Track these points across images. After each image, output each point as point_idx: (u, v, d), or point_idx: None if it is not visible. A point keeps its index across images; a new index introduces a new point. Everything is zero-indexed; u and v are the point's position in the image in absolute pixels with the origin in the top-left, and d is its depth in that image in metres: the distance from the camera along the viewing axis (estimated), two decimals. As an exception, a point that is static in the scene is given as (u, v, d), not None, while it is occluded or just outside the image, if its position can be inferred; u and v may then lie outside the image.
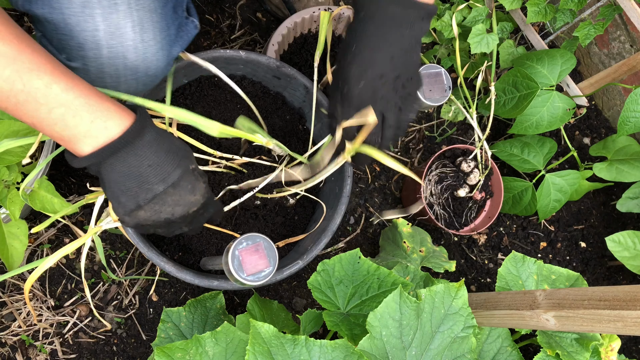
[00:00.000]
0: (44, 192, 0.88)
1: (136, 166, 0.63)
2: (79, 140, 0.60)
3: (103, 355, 1.16)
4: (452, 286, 0.84)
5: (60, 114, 0.58)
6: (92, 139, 0.60)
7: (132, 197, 0.65)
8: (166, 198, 0.66)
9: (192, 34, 0.85)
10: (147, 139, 0.63)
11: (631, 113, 1.14)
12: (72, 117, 0.58)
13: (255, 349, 0.72)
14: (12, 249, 0.90)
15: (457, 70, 1.25)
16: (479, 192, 1.28)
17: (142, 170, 0.63)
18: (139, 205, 0.65)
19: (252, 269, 0.72)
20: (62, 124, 0.59)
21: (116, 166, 0.63)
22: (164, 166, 0.65)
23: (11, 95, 0.55)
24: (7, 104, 0.57)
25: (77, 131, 0.59)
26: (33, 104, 0.57)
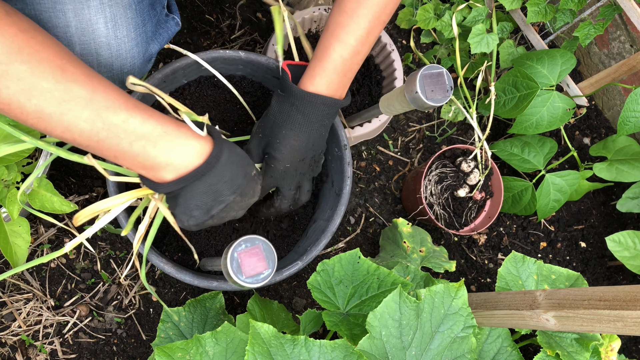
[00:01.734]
0: (43, 191, 0.88)
1: (215, 184, 0.66)
2: (162, 169, 0.63)
3: (103, 355, 1.16)
4: (451, 286, 0.84)
5: (141, 146, 0.60)
6: (173, 167, 0.63)
7: (205, 211, 0.69)
8: (234, 205, 0.71)
9: (172, 31, 0.85)
10: (223, 159, 0.67)
11: (631, 113, 1.14)
12: (153, 147, 0.61)
13: (255, 349, 0.72)
14: (16, 247, 0.91)
15: (457, 70, 1.25)
16: (479, 192, 1.28)
17: (219, 187, 0.67)
18: (211, 216, 0.69)
19: (251, 271, 0.71)
20: (143, 155, 0.61)
21: (198, 187, 0.66)
22: (235, 179, 0.69)
23: (92, 134, 0.57)
24: (90, 142, 0.58)
25: (158, 160, 0.62)
26: (114, 139, 0.58)
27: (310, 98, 0.76)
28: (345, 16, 0.74)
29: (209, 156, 0.65)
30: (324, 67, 0.76)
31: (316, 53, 0.78)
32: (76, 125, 0.56)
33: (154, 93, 0.75)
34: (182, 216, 0.70)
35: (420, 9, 1.33)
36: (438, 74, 0.89)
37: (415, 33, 1.44)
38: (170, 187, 0.64)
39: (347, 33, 0.75)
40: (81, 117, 0.56)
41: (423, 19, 1.33)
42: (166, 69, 0.92)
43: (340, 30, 0.75)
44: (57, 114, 0.55)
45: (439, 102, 0.89)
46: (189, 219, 0.70)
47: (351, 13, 0.74)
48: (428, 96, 0.88)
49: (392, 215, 1.36)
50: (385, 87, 1.27)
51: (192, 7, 1.35)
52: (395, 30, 1.46)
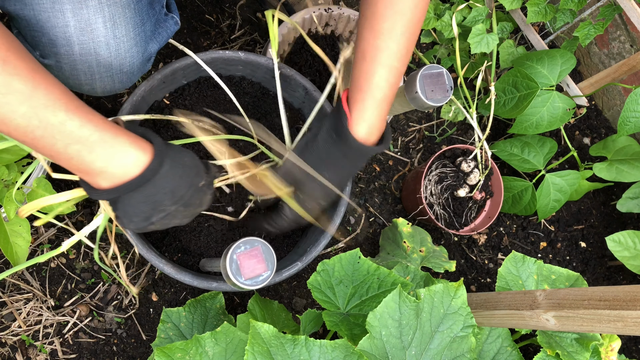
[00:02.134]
0: (42, 191, 0.88)
1: (153, 195, 0.64)
2: (97, 175, 0.61)
3: (103, 355, 1.16)
4: (451, 286, 0.84)
5: (76, 150, 0.58)
6: (109, 175, 0.61)
7: (144, 218, 0.67)
8: (176, 214, 0.69)
9: (171, 31, 0.85)
10: (163, 171, 0.64)
11: (631, 113, 1.14)
12: (89, 153, 0.59)
13: (255, 349, 0.72)
14: (16, 247, 0.91)
15: (457, 70, 1.25)
16: (479, 192, 1.28)
17: (158, 197, 0.65)
18: (151, 223, 0.68)
19: (250, 273, 0.71)
20: (78, 159, 0.59)
21: (134, 197, 0.64)
22: (178, 190, 0.66)
23: (28, 131, 0.56)
24: (25, 139, 0.57)
25: (94, 167, 0.60)
26: (49, 139, 0.56)
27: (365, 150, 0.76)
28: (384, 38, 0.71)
29: (145, 168, 0.62)
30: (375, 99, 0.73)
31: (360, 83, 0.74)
32: (12, 119, 0.54)
33: None
34: (123, 219, 0.68)
35: (420, 9, 1.33)
36: (438, 74, 0.89)
37: (415, 33, 1.44)
38: (105, 195, 0.62)
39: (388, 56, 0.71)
40: (18, 112, 0.54)
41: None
42: (166, 69, 0.92)
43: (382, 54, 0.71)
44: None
45: (439, 102, 0.89)
46: (129, 223, 0.68)
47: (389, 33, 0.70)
48: (428, 96, 0.88)
49: (392, 215, 1.36)
50: (385, 87, 1.27)
51: (192, 7, 1.35)
52: (395, 30, 1.45)
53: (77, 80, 0.74)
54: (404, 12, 0.69)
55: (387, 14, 0.69)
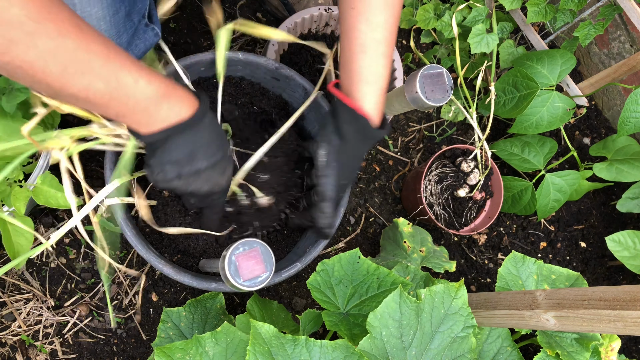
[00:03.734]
0: (47, 187, 0.89)
1: (192, 142, 0.70)
2: (156, 124, 0.66)
3: (103, 355, 1.16)
4: (451, 286, 0.84)
5: (145, 105, 0.63)
6: (166, 123, 0.67)
7: (176, 168, 0.71)
8: (202, 174, 0.73)
9: (150, 42, 0.85)
10: (206, 121, 0.71)
11: (631, 113, 1.14)
12: (154, 106, 0.64)
13: (256, 349, 0.72)
14: (18, 246, 0.91)
15: (457, 70, 1.25)
16: (479, 192, 1.28)
17: (195, 147, 0.70)
18: (179, 175, 0.72)
19: (249, 275, 0.71)
20: (145, 113, 0.64)
21: (177, 140, 0.69)
22: (211, 147, 0.72)
23: (106, 93, 0.59)
24: (101, 101, 0.60)
25: (157, 117, 0.66)
26: (124, 98, 0.61)
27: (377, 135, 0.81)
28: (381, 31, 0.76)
29: (194, 113, 0.68)
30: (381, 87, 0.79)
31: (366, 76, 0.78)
32: (94, 84, 0.58)
33: None
34: (154, 167, 0.72)
35: (420, 9, 1.33)
36: (438, 74, 0.89)
37: (415, 33, 1.44)
38: (157, 136, 0.67)
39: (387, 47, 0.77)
40: (99, 76, 0.58)
41: (423, 19, 1.33)
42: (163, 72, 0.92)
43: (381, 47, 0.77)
44: (79, 73, 0.56)
45: (439, 102, 0.89)
46: (159, 173, 0.72)
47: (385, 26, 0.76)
48: (428, 96, 0.88)
49: (392, 215, 1.36)
50: (385, 87, 1.27)
51: (192, 7, 1.35)
52: (395, 30, 1.45)
53: None
54: (394, 4, 0.75)
55: (382, 7, 0.75)
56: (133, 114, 0.64)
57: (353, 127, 0.80)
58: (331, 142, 0.81)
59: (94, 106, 0.62)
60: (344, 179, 0.84)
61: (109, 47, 0.59)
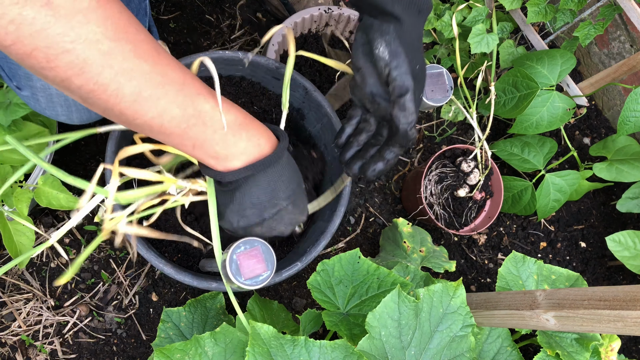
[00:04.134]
0: (49, 188, 0.89)
1: (275, 181, 0.66)
2: (235, 157, 0.62)
3: (103, 355, 1.16)
4: (450, 285, 0.84)
5: (223, 134, 0.60)
6: (246, 156, 0.63)
7: (259, 211, 0.67)
8: (285, 215, 0.69)
9: None
10: (285, 158, 0.67)
11: (631, 113, 1.14)
12: (233, 136, 0.61)
13: (255, 349, 0.72)
14: (20, 246, 0.91)
15: (457, 70, 1.25)
16: (479, 192, 1.28)
17: (278, 185, 0.66)
18: (263, 219, 0.68)
19: (250, 273, 0.71)
20: (223, 144, 0.60)
21: (260, 179, 0.65)
22: (291, 182, 0.68)
23: (182, 121, 0.56)
24: (176, 130, 0.57)
25: (235, 149, 0.62)
26: (201, 127, 0.58)
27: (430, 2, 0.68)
28: None
29: (276, 148, 0.64)
30: None
31: None
32: (169, 110, 0.54)
33: None
34: (233, 216, 0.68)
35: (420, 9, 1.33)
36: (438, 74, 0.89)
37: (415, 33, 1.44)
38: (239, 174, 0.63)
39: None
40: (175, 102, 0.54)
41: (423, 19, 1.32)
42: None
43: None
44: (153, 98, 0.53)
45: (439, 102, 0.89)
46: (240, 219, 0.68)
47: None
48: (428, 96, 0.88)
49: (392, 215, 1.36)
50: (385, 87, 1.27)
51: (192, 7, 1.35)
52: (395, 30, 1.45)
53: (53, 112, 0.73)
54: None
55: None
56: (211, 145, 0.60)
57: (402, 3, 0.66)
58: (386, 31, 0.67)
59: (169, 136, 0.58)
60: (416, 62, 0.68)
61: (185, 72, 0.56)
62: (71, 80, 0.48)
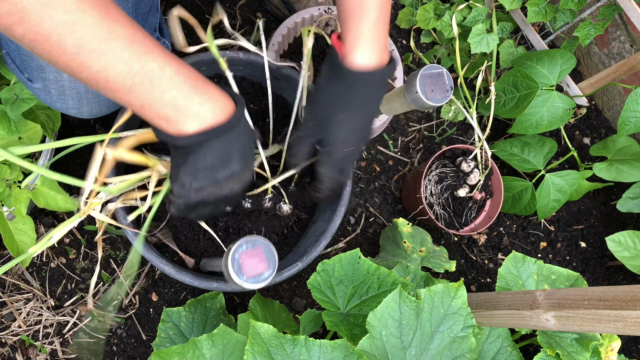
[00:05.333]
0: (47, 189, 0.88)
1: (230, 147, 0.66)
2: (187, 121, 0.61)
3: (103, 356, 1.16)
4: (451, 286, 0.84)
5: (173, 96, 0.59)
6: (199, 120, 0.62)
7: (211, 174, 0.67)
8: (235, 178, 0.69)
9: None
10: (242, 124, 0.66)
11: (631, 113, 1.14)
12: (184, 99, 0.60)
13: (254, 348, 0.72)
14: (22, 244, 0.91)
15: (457, 70, 1.25)
16: (479, 192, 1.28)
17: (232, 151, 0.66)
18: (215, 181, 0.67)
19: (252, 272, 0.71)
20: (172, 105, 0.60)
21: (215, 145, 0.64)
22: (245, 147, 0.68)
23: (128, 78, 0.56)
24: (122, 86, 0.57)
25: (186, 112, 0.61)
26: (148, 85, 0.57)
27: (367, 77, 0.71)
28: None
29: (231, 116, 0.64)
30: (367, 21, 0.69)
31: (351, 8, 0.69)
32: (114, 66, 0.55)
33: None
34: (185, 178, 0.67)
35: (420, 9, 1.33)
36: (438, 74, 0.88)
37: (415, 33, 1.44)
38: (192, 139, 0.62)
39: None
40: (121, 58, 0.54)
41: (423, 19, 1.33)
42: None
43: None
44: (97, 52, 0.53)
45: (439, 102, 0.89)
46: (192, 181, 0.67)
47: None
48: (428, 96, 0.88)
49: (392, 215, 1.36)
50: (385, 87, 1.27)
51: (192, 7, 1.35)
52: (395, 30, 1.46)
53: (64, 104, 0.73)
54: None
55: None
56: (160, 106, 0.59)
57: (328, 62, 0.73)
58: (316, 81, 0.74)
59: (115, 92, 0.58)
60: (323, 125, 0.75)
61: (136, 30, 0.56)
62: (13, 29, 0.50)
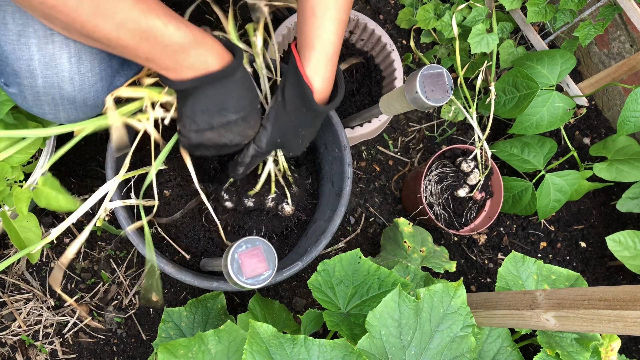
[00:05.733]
0: (48, 189, 0.88)
1: (224, 95, 0.73)
2: (184, 70, 0.69)
3: (103, 355, 1.16)
4: (450, 285, 0.84)
5: (173, 50, 0.66)
6: (194, 70, 0.70)
7: (208, 118, 0.75)
8: (233, 127, 0.77)
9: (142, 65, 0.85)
10: (238, 75, 0.73)
11: (631, 113, 1.14)
12: (182, 52, 0.67)
13: (253, 348, 0.72)
14: (29, 242, 0.91)
15: (457, 70, 1.25)
16: (479, 192, 1.28)
17: (227, 99, 0.74)
18: (211, 126, 0.76)
19: (252, 272, 0.72)
20: (173, 58, 0.67)
21: (208, 91, 0.72)
22: (242, 100, 0.76)
23: (136, 35, 0.63)
24: (130, 42, 0.64)
25: (184, 63, 0.68)
26: (152, 40, 0.64)
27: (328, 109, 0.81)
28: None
29: (225, 66, 0.71)
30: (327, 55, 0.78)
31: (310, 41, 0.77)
32: (125, 24, 0.61)
33: None
34: (185, 119, 0.76)
35: (420, 9, 1.33)
36: (438, 74, 0.89)
37: (415, 33, 1.44)
38: (186, 84, 0.70)
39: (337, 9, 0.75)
40: (130, 17, 0.61)
41: (423, 19, 1.33)
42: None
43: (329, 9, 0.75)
44: (110, 12, 0.60)
45: (439, 102, 0.89)
46: (191, 123, 0.76)
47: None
48: (428, 96, 0.88)
49: (392, 215, 1.36)
50: (385, 87, 1.28)
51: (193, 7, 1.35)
52: (395, 30, 1.46)
53: (40, 110, 0.74)
54: None
55: None
56: (161, 59, 0.67)
57: (295, 91, 0.79)
58: (277, 98, 0.82)
59: (125, 49, 0.65)
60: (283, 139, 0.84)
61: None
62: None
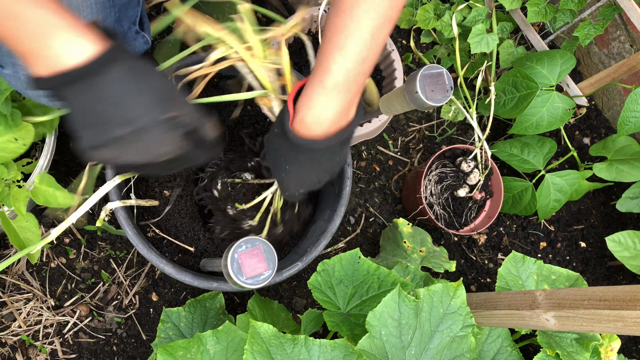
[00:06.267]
0: (45, 187, 0.88)
1: (94, 102, 0.56)
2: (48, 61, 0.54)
3: (103, 355, 1.16)
4: (450, 285, 0.84)
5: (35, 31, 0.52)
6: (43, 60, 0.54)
7: (93, 134, 0.58)
8: (127, 145, 0.58)
9: (139, 50, 0.82)
10: (113, 75, 0.55)
11: (631, 113, 1.14)
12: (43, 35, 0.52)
13: (254, 348, 0.72)
14: (28, 242, 0.91)
15: (457, 70, 1.25)
16: (479, 192, 1.28)
17: (101, 108, 0.56)
18: (101, 143, 0.58)
19: (251, 272, 0.71)
20: (35, 42, 0.53)
21: (81, 97, 0.56)
22: (127, 109, 0.57)
23: None
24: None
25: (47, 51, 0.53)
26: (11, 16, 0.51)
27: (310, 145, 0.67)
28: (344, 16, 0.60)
29: (87, 62, 0.53)
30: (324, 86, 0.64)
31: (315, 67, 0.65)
32: None
33: None
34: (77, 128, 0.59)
35: (420, 9, 1.33)
36: (438, 74, 0.88)
37: (415, 33, 1.44)
38: (42, 83, 0.54)
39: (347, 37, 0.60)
40: None
41: (423, 19, 1.33)
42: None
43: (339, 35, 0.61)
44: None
45: (439, 102, 0.88)
46: (80, 139, 0.59)
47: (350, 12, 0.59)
48: (428, 96, 0.88)
49: (392, 215, 1.36)
50: (385, 87, 1.28)
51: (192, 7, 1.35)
52: (395, 30, 1.46)
53: (35, 92, 0.72)
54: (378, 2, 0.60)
55: None
56: (23, 41, 0.52)
57: (279, 117, 0.70)
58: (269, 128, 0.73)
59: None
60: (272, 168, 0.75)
61: None
62: None
